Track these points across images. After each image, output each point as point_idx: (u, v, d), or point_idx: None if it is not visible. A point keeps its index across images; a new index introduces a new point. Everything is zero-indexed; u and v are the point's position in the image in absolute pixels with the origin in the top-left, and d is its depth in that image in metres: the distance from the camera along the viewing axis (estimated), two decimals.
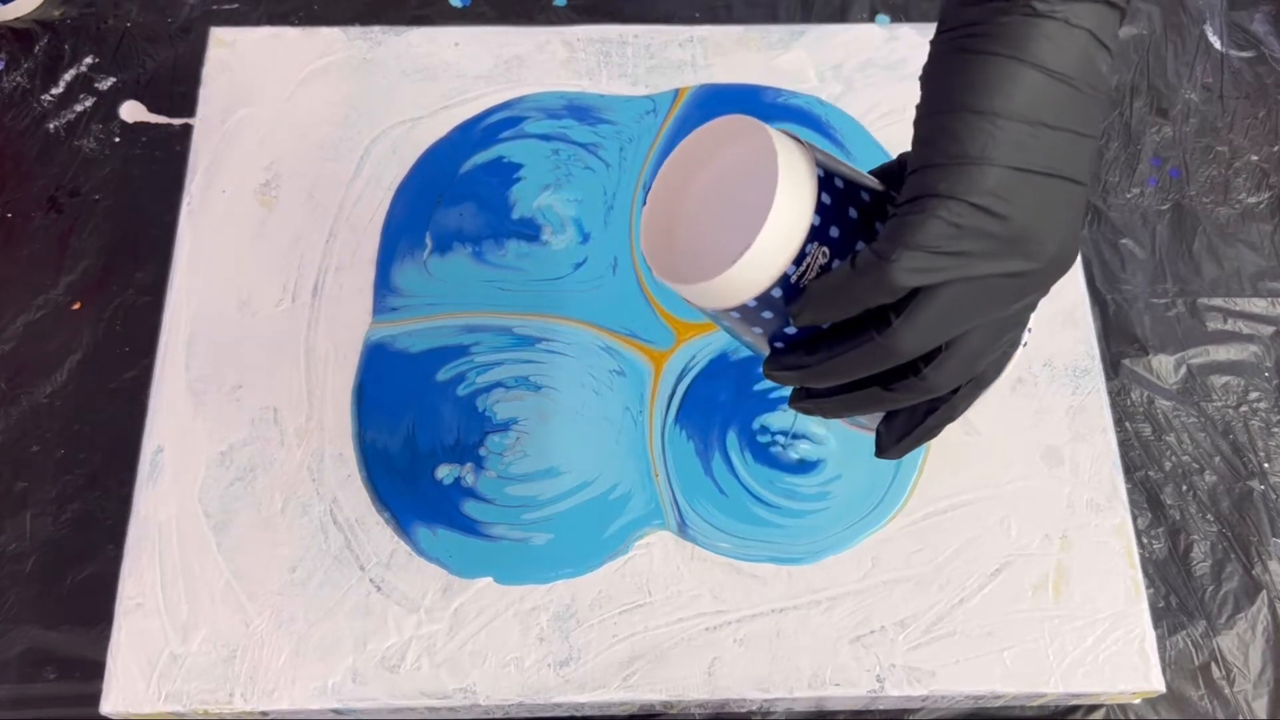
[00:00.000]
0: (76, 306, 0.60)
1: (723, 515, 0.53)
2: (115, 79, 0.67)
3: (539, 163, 0.61)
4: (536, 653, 0.50)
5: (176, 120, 0.65)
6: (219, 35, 0.65)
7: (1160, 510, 0.57)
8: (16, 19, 0.68)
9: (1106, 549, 0.53)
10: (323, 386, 0.56)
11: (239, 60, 0.64)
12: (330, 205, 0.60)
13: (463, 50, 0.64)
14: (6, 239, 0.62)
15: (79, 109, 0.66)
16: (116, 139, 0.65)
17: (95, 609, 0.53)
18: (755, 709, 0.52)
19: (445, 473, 0.54)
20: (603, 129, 0.62)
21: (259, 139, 0.62)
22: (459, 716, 0.52)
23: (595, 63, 0.64)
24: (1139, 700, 0.53)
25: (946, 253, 0.33)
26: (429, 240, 0.59)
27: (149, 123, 0.66)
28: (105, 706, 0.49)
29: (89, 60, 0.67)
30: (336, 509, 0.53)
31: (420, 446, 0.54)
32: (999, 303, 0.35)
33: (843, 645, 0.51)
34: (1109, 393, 0.56)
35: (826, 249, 0.35)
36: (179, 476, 0.54)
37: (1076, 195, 0.35)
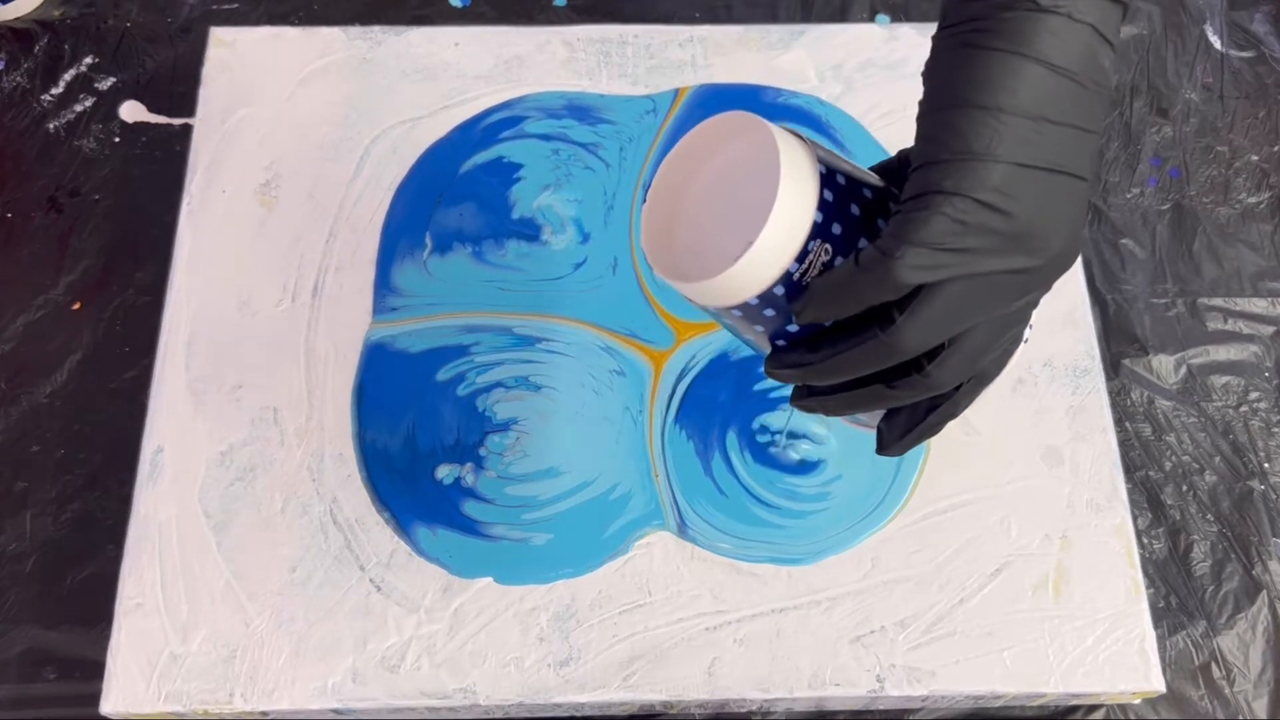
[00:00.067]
0: (76, 306, 0.60)
1: (722, 515, 0.53)
2: (115, 79, 0.67)
3: (539, 163, 0.61)
4: (536, 653, 0.50)
5: (176, 120, 0.65)
6: (219, 35, 0.65)
7: (1160, 510, 0.57)
8: (16, 19, 0.68)
9: (1106, 549, 0.53)
10: (323, 386, 0.56)
11: (239, 60, 0.64)
12: (330, 205, 0.60)
13: (463, 50, 0.64)
14: (6, 239, 0.62)
15: (79, 109, 0.66)
16: (116, 139, 0.65)
17: (95, 609, 0.53)
18: (755, 709, 0.52)
19: (445, 473, 0.54)
20: (603, 129, 0.62)
21: (259, 139, 0.62)
22: (459, 716, 0.52)
23: (595, 63, 0.64)
24: (1139, 700, 0.53)
25: (951, 249, 0.33)
26: (429, 240, 0.59)
27: (149, 123, 0.66)
28: (105, 706, 0.49)
29: (89, 60, 0.67)
30: (336, 509, 0.53)
31: (420, 446, 0.54)
32: (1002, 299, 0.35)
33: (843, 645, 0.51)
34: (1109, 393, 0.56)
35: (829, 246, 0.35)
36: (179, 476, 0.54)
37: (1080, 191, 0.34)
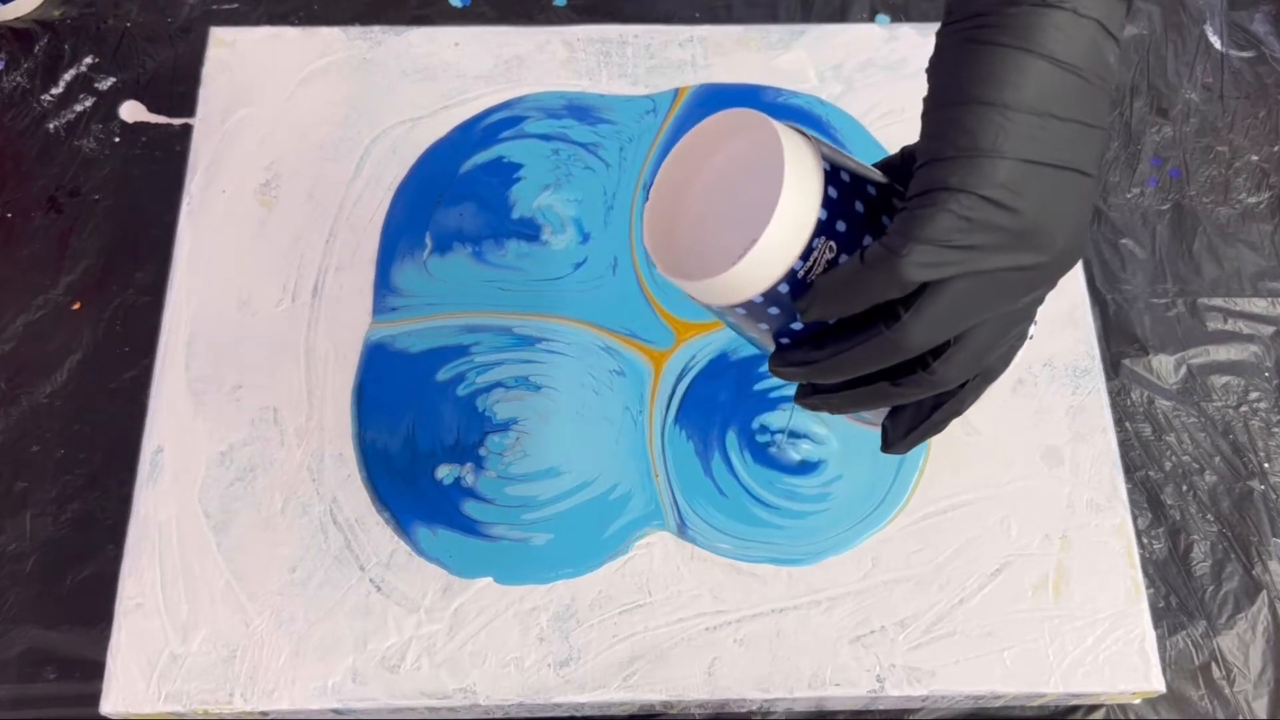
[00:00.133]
0: (76, 306, 0.60)
1: (722, 516, 0.53)
2: (115, 79, 0.67)
3: (539, 163, 0.61)
4: (536, 653, 0.50)
5: (176, 120, 0.65)
6: (219, 35, 0.65)
7: (1160, 510, 0.57)
8: (16, 19, 0.68)
9: (1106, 549, 0.53)
10: (323, 386, 0.56)
11: (239, 60, 0.64)
12: (330, 205, 0.60)
13: (463, 50, 0.64)
14: (6, 239, 0.62)
15: (79, 109, 0.66)
16: (116, 139, 0.65)
17: (95, 609, 0.53)
18: (755, 709, 0.52)
19: (445, 473, 0.54)
20: (603, 129, 0.62)
21: (259, 139, 0.62)
22: (459, 716, 0.52)
23: (595, 63, 0.64)
24: (1139, 700, 0.53)
25: (957, 246, 0.32)
26: (429, 240, 0.59)
27: (149, 123, 0.66)
28: (105, 706, 0.49)
29: (89, 60, 0.67)
30: (336, 509, 0.53)
31: (420, 446, 0.54)
32: (1008, 296, 0.35)
33: (843, 645, 0.51)
34: (1109, 393, 0.56)
35: (833, 243, 0.35)
36: (179, 476, 0.54)
37: (1085, 187, 0.34)
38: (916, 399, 0.37)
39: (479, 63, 0.64)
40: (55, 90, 0.66)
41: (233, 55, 0.64)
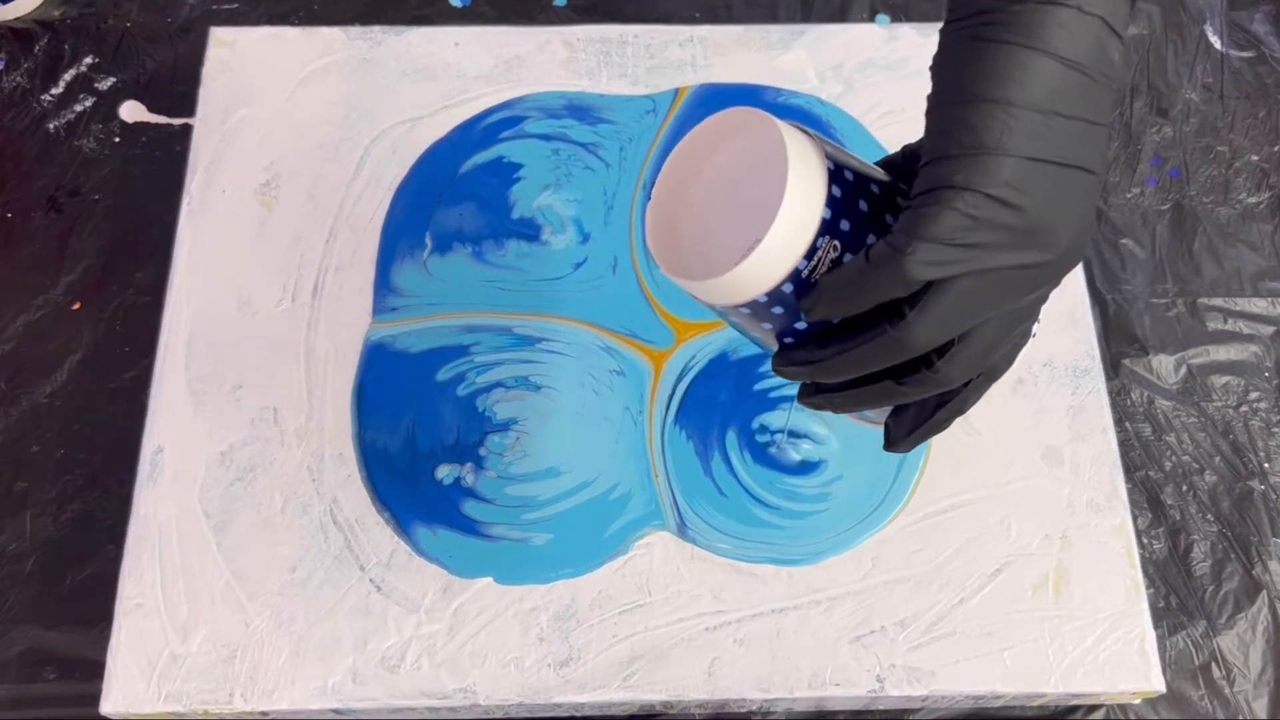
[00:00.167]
0: (76, 306, 0.60)
1: (722, 516, 0.53)
2: (115, 79, 0.67)
3: (539, 163, 0.61)
4: (536, 653, 0.50)
5: (176, 120, 0.65)
6: (219, 35, 0.65)
7: (1160, 510, 0.57)
8: (16, 19, 0.68)
9: (1106, 549, 0.53)
10: (323, 386, 0.56)
11: (239, 60, 0.64)
12: (330, 205, 0.60)
13: (463, 50, 0.64)
14: (6, 239, 0.62)
15: (79, 109, 0.66)
16: (116, 139, 0.65)
17: (95, 609, 0.53)
18: (755, 709, 0.52)
19: (445, 473, 0.54)
20: (603, 129, 0.62)
21: (259, 139, 0.62)
22: (459, 716, 0.52)
23: (595, 63, 0.64)
24: (1139, 700, 0.53)
25: (962, 245, 0.32)
26: (429, 240, 0.59)
27: (149, 123, 0.66)
28: (105, 706, 0.49)
29: (89, 60, 0.67)
30: (336, 509, 0.53)
31: (420, 446, 0.54)
32: (1012, 294, 0.35)
33: (843, 645, 0.51)
34: (1109, 393, 0.56)
35: (838, 243, 0.34)
36: (179, 476, 0.54)
37: (1090, 185, 0.34)
38: (920, 398, 0.37)
39: (479, 63, 0.64)
40: (55, 90, 0.66)
41: (233, 55, 0.64)
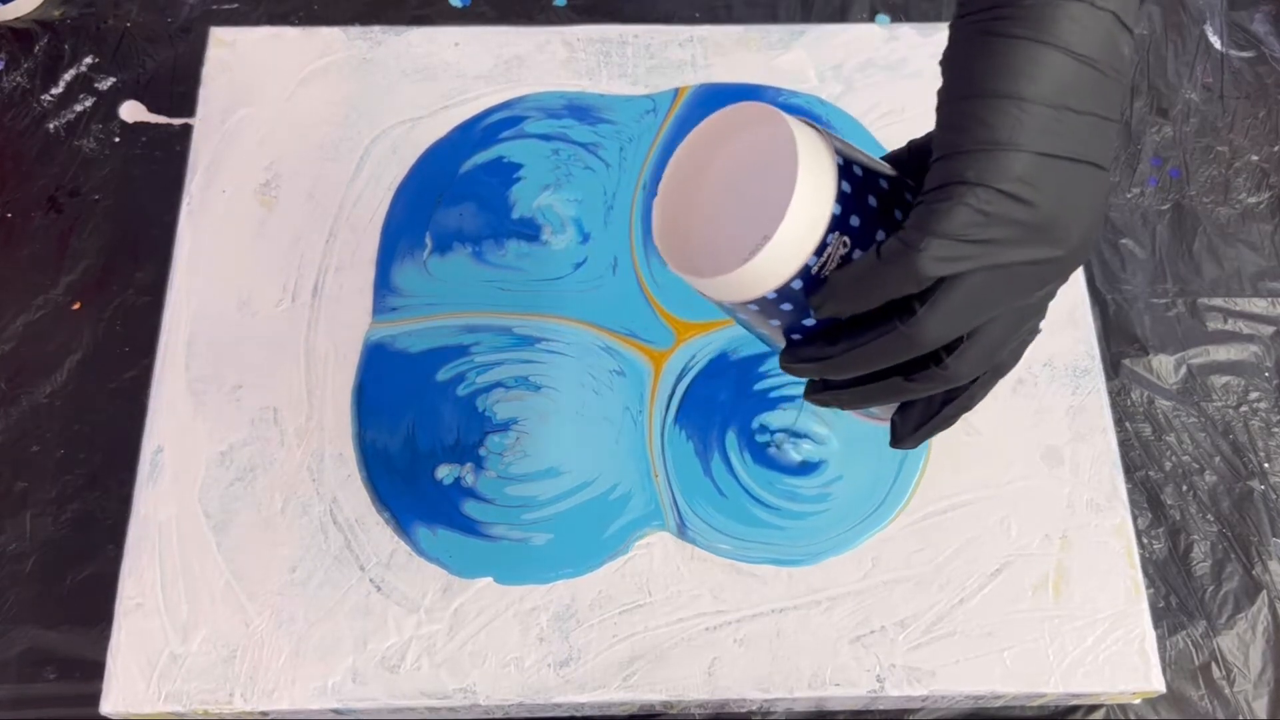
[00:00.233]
0: (76, 306, 0.60)
1: (722, 516, 0.53)
2: (115, 79, 0.67)
3: (539, 163, 0.61)
4: (536, 653, 0.50)
5: (176, 120, 0.65)
6: (219, 35, 0.65)
7: (1160, 510, 0.57)
8: (16, 19, 0.68)
9: (1106, 549, 0.53)
10: (323, 386, 0.56)
11: (239, 60, 0.64)
12: (330, 205, 0.60)
13: (463, 50, 0.64)
14: (6, 239, 0.62)
15: (79, 109, 0.66)
16: (116, 139, 0.65)
17: (95, 609, 0.53)
18: (755, 709, 0.52)
19: (445, 473, 0.54)
20: (603, 129, 0.62)
21: (259, 139, 0.62)
22: (459, 716, 0.52)
23: (595, 63, 0.64)
24: (1139, 700, 0.53)
25: (974, 241, 0.32)
26: (429, 240, 0.59)
27: (149, 123, 0.66)
28: (105, 706, 0.49)
29: (89, 60, 0.67)
30: (336, 509, 0.53)
31: (420, 446, 0.54)
32: (1023, 290, 0.35)
33: (843, 645, 0.51)
34: (1109, 393, 0.56)
35: (847, 239, 0.34)
36: (179, 476, 0.54)
37: (1100, 180, 0.34)
38: (928, 394, 0.37)
39: (479, 63, 0.64)
40: (55, 90, 0.66)
41: (233, 55, 0.64)
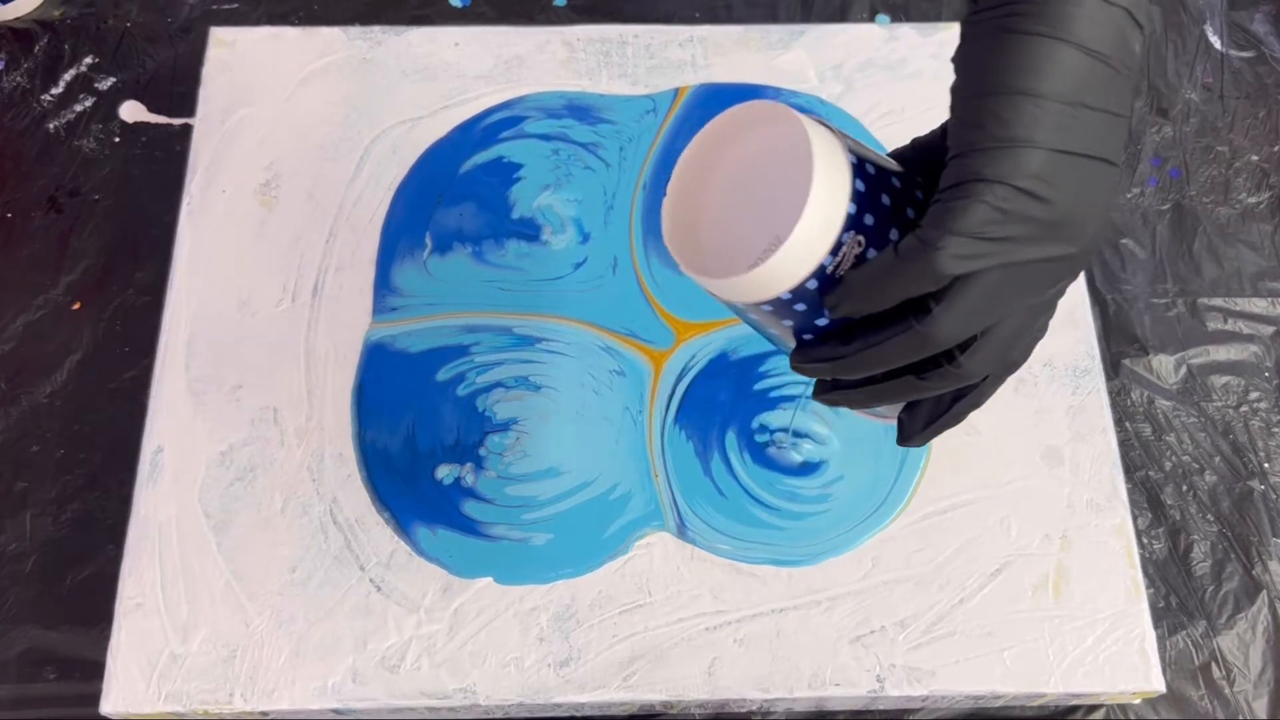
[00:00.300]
0: (76, 306, 0.60)
1: (722, 517, 0.53)
2: (115, 79, 0.67)
3: (539, 163, 0.61)
4: (536, 653, 0.50)
5: (176, 120, 0.65)
6: (219, 35, 0.65)
7: (1160, 510, 0.57)
8: (16, 19, 0.68)
9: (1106, 549, 0.53)
10: (323, 386, 0.56)
11: (239, 60, 0.64)
12: (330, 205, 0.60)
13: (463, 50, 0.64)
14: (6, 239, 0.62)
15: (79, 109, 0.66)
16: (116, 139, 0.65)
17: (95, 609, 0.53)
18: (755, 709, 0.52)
19: (445, 473, 0.54)
20: (603, 129, 0.62)
21: (259, 139, 0.62)
22: (459, 716, 0.52)
23: (595, 63, 0.64)
24: (1139, 700, 0.53)
25: (991, 239, 0.32)
26: (429, 240, 0.59)
27: (149, 123, 0.66)
28: (105, 706, 0.49)
29: (89, 60, 0.67)
30: (336, 509, 0.53)
31: (420, 446, 0.54)
32: (1036, 288, 0.35)
33: (843, 645, 0.51)
34: (1109, 393, 0.56)
35: (861, 238, 0.34)
36: (179, 476, 0.54)
37: (1112, 177, 0.34)
38: (940, 392, 0.37)
39: (479, 63, 0.64)
40: (55, 90, 0.66)
41: (233, 55, 0.64)
